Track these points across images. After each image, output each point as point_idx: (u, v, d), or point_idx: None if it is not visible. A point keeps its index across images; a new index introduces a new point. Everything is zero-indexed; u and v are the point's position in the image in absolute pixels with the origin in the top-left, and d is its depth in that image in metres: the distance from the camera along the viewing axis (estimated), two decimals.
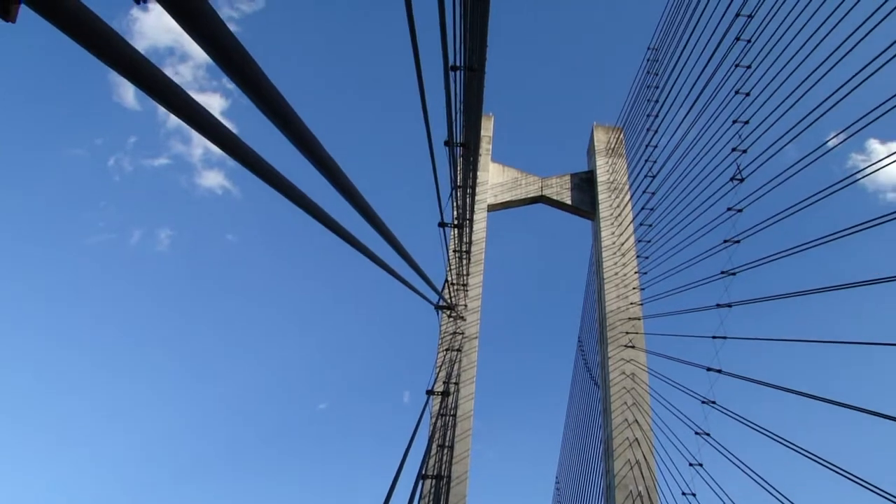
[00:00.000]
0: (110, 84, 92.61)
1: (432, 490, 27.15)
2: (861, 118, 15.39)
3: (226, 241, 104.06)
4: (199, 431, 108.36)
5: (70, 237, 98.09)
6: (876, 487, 18.74)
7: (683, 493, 32.36)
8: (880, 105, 14.72)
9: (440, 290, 19.97)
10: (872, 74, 14.85)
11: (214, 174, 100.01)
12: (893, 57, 14.06)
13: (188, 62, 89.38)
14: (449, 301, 26.51)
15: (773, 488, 25.65)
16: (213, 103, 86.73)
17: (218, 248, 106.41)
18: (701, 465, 30.78)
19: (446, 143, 12.49)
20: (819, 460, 21.83)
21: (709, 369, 26.29)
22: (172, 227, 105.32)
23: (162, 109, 2.92)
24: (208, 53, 2.80)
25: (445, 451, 28.22)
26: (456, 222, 22.44)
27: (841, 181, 17.05)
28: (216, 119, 3.23)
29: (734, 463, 27.35)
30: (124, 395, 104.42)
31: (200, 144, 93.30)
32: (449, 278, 25.80)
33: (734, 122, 21.87)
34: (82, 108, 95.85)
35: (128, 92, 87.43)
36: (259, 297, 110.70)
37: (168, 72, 2.83)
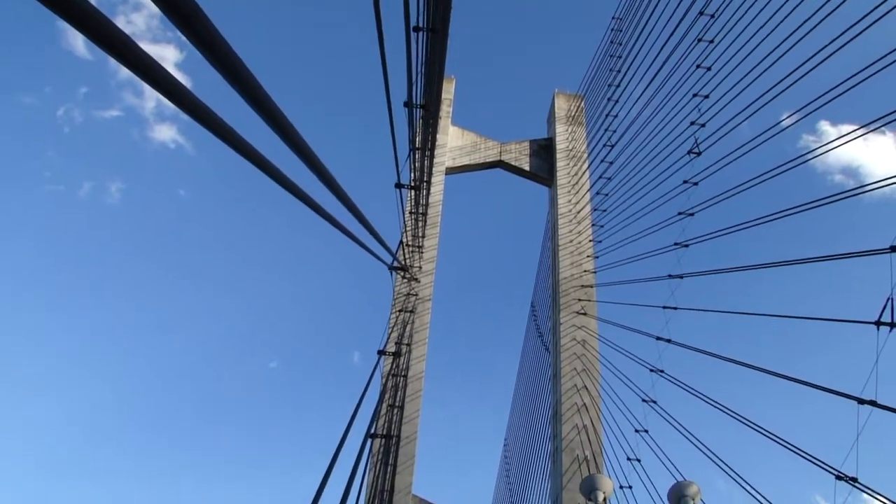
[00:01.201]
0: (59, 31, 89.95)
1: (381, 449, 27.38)
2: (814, 100, 15.64)
3: (178, 197, 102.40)
4: (147, 389, 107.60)
5: (15, 186, 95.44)
6: (811, 456, 19.37)
7: (629, 459, 32.92)
8: (832, 88, 14.97)
9: (394, 251, 19.96)
10: (827, 58, 15.09)
11: (167, 128, 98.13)
12: (847, 43, 14.29)
13: (142, 11, 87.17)
14: (403, 262, 26.54)
15: (716, 456, 26.29)
16: (167, 55, 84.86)
17: (170, 203, 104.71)
18: (647, 431, 31.34)
19: (406, 105, 12.44)
20: (761, 430, 22.42)
21: (658, 338, 26.71)
22: (124, 180, 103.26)
23: (114, 60, 2.87)
24: (156, 3, 2.77)
25: (396, 411, 28.45)
26: (413, 184, 22.41)
27: (793, 160, 17.34)
28: (168, 72, 3.20)
29: (679, 430, 27.94)
30: (64, 351, 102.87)
31: (153, 97, 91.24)
32: (404, 240, 25.79)
33: (694, 95, 22.04)
34: (29, 54, 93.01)
35: (77, 40, 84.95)
36: (210, 253, 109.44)
37: (119, 21, 2.79)
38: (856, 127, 15.01)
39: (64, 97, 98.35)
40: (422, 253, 33.03)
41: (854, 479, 19.32)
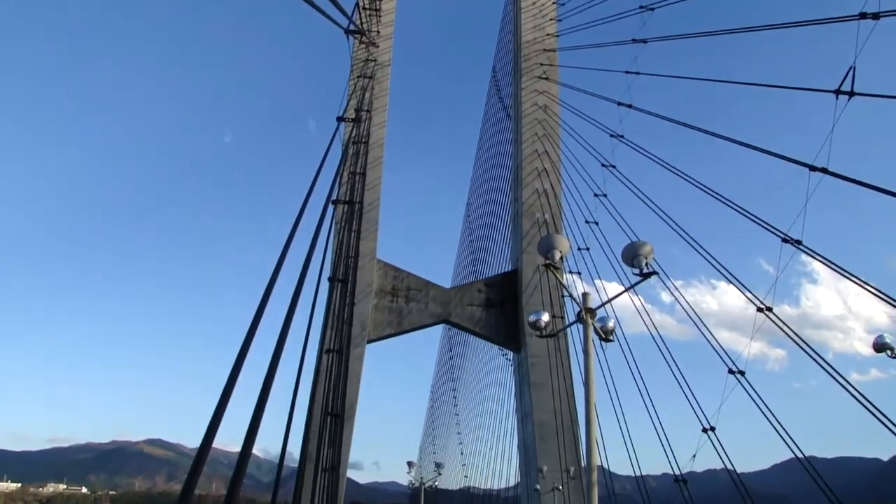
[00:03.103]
0: None
1: (345, 216, 27.79)
2: None
3: None
4: (100, 164, 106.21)
5: None
6: (760, 220, 20.06)
7: (587, 222, 33.90)
8: None
9: (350, 13, 19.21)
10: None
11: None
12: None
13: None
14: (360, 26, 25.66)
15: (670, 218, 27.14)
16: None
17: None
18: (605, 195, 32.11)
19: None
20: (714, 194, 23.03)
21: (619, 104, 26.69)
22: None
23: None
24: None
25: (357, 178, 28.59)
26: None
27: None
28: None
29: (636, 194, 28.65)
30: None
31: None
32: (360, 2, 24.81)
33: None
34: None
35: None
36: (156, 19, 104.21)
37: None
38: None
39: None
40: (380, 17, 31.90)
41: (799, 242, 20.25)
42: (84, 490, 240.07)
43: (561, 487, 36.42)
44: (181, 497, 5.01)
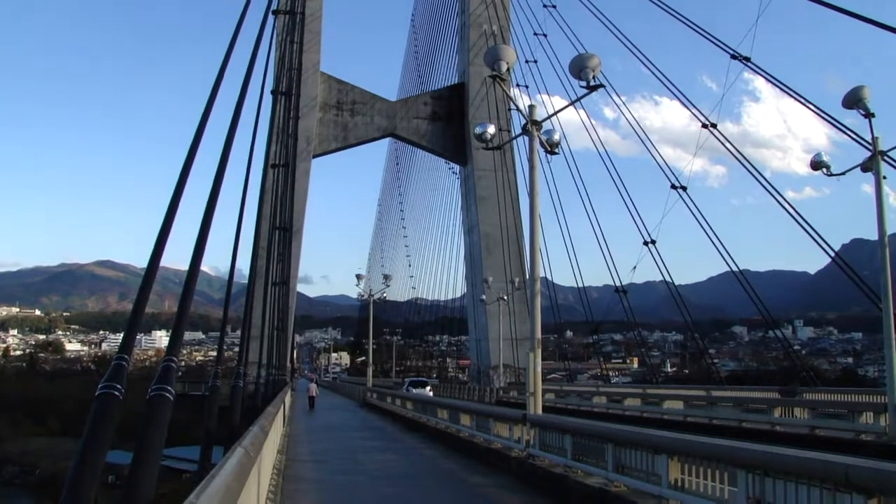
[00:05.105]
0: None
1: (287, 26, 26.82)
2: None
3: None
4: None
5: None
6: (711, 35, 19.81)
7: (535, 34, 33.34)
8: None
9: None
10: None
11: None
12: None
13: None
14: None
15: (617, 29, 26.68)
16: None
17: None
18: (554, 6, 31.35)
19: None
20: (659, 3, 22.64)
21: None
22: None
23: None
24: None
25: None
26: None
27: None
28: None
29: (583, 3, 27.97)
30: None
31: None
32: None
33: None
34: None
35: None
36: None
37: None
38: None
39: None
40: None
41: (747, 59, 20.22)
42: (38, 312, 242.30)
43: (506, 298, 37.66)
44: (132, 315, 5.01)
